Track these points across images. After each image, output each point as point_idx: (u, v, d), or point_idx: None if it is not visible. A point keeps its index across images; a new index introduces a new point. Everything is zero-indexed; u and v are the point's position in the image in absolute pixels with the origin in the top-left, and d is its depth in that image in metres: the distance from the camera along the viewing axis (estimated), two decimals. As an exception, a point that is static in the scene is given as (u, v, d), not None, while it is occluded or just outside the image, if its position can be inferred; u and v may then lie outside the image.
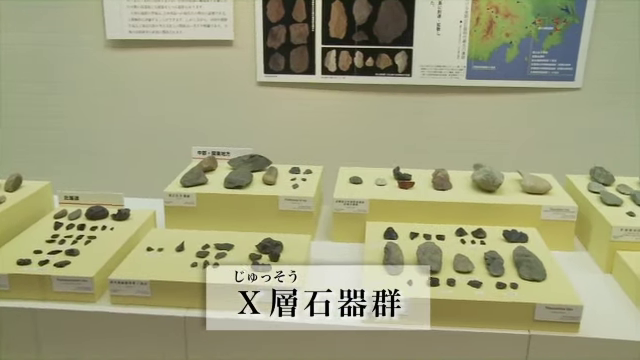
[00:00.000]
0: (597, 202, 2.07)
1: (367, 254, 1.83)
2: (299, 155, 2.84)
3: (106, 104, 3.59)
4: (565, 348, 1.58)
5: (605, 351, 1.59)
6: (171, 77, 3.52)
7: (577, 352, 1.59)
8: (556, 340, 1.58)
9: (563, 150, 3.45)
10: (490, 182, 2.11)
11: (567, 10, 3.21)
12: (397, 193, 2.13)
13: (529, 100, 3.41)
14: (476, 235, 1.96)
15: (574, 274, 1.82)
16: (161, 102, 3.57)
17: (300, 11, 3.29)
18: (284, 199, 2.07)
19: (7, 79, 3.59)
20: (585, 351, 1.59)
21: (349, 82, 3.40)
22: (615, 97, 3.38)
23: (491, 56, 3.31)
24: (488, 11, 3.23)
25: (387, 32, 3.29)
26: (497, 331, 1.58)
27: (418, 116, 3.48)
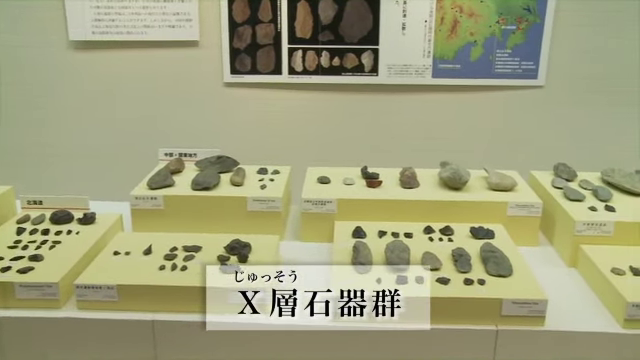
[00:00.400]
0: (560, 197, 2.11)
1: (336, 253, 1.83)
2: (267, 156, 2.83)
3: (70, 106, 3.53)
4: (531, 342, 1.61)
5: (570, 343, 1.62)
6: (136, 78, 3.47)
7: (543, 345, 1.61)
8: (523, 334, 1.60)
9: (527, 147, 3.50)
10: (457, 180, 2.13)
11: (529, 10, 3.26)
12: (365, 192, 2.14)
13: (494, 98, 3.45)
14: (444, 232, 1.98)
15: (539, 269, 1.85)
16: (126, 104, 3.52)
17: (266, 11, 3.28)
18: (252, 200, 2.06)
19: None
20: (551, 344, 1.62)
21: (316, 82, 3.40)
22: (576, 94, 3.45)
23: (456, 55, 3.34)
24: (452, 10, 3.27)
25: (353, 32, 3.30)
26: (465, 327, 1.60)
27: (385, 115, 3.50)
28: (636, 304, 1.58)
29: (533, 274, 1.72)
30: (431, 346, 1.62)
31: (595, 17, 3.31)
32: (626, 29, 3.33)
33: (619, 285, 1.67)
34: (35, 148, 3.61)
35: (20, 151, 3.61)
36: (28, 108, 3.55)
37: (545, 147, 3.45)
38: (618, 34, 3.34)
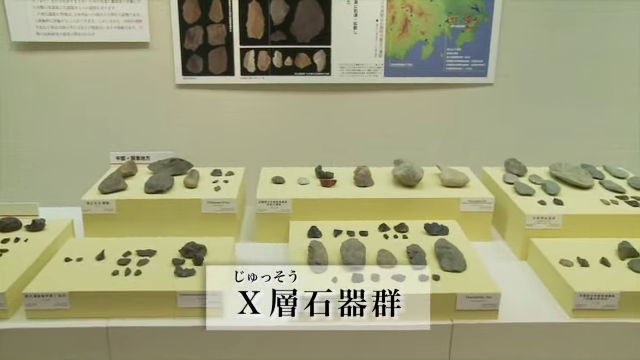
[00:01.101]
0: (511, 192, 2.16)
1: (291, 253, 1.83)
2: (221, 157, 2.82)
3: (16, 110, 3.43)
4: (486, 335, 1.64)
5: (523, 335, 1.66)
6: (85, 81, 3.40)
7: (497, 338, 1.65)
8: (477, 328, 1.63)
9: (479, 143, 3.56)
10: (410, 177, 2.16)
11: (477, 9, 3.32)
12: (320, 192, 2.14)
13: (445, 96, 3.51)
14: (398, 230, 2.00)
15: (492, 263, 1.89)
16: (76, 107, 3.44)
17: (217, 12, 3.26)
18: (206, 202, 2.04)
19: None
20: (504, 336, 1.65)
21: (268, 82, 3.39)
22: (524, 92, 3.53)
23: (408, 54, 3.38)
24: (403, 10, 3.30)
25: (305, 31, 3.30)
26: (421, 323, 1.62)
27: (338, 114, 3.51)
28: (583, 294, 1.63)
29: (486, 268, 1.75)
30: (389, 344, 1.64)
31: (541, 16, 3.40)
32: (570, 28, 3.43)
33: (567, 276, 1.71)
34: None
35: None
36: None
37: (496, 143, 3.52)
38: (563, 33, 3.43)
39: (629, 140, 3.62)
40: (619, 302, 1.64)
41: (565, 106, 3.57)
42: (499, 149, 3.00)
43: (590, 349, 1.68)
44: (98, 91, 3.43)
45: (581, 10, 3.40)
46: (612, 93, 3.58)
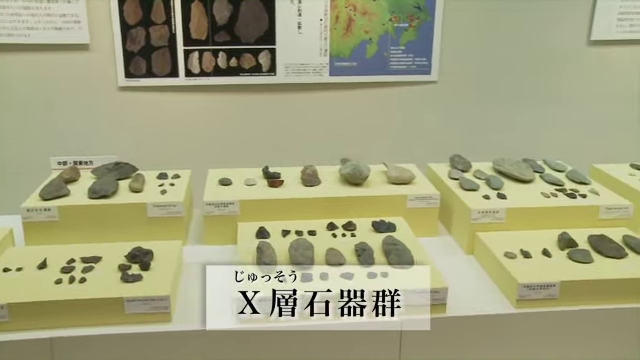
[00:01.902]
0: (457, 188, 2.20)
1: (240, 255, 1.82)
2: (166, 160, 2.77)
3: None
4: (434, 328, 1.66)
5: (470, 327, 1.69)
6: (23, 84, 3.30)
7: (445, 331, 1.67)
8: (426, 322, 1.65)
9: (424, 140, 3.62)
10: (357, 175, 2.17)
11: (419, 8, 3.37)
12: (267, 192, 2.14)
13: (390, 94, 3.54)
14: (346, 228, 2.01)
15: (439, 258, 1.92)
16: (13, 111, 3.34)
17: (159, 12, 3.20)
18: (152, 206, 2.01)
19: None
20: (453, 329, 1.68)
21: (214, 83, 3.36)
22: (467, 89, 3.60)
23: (352, 53, 3.40)
24: (346, 9, 3.32)
25: (249, 32, 3.28)
26: (370, 320, 1.63)
27: (284, 114, 3.51)
28: (526, 285, 1.68)
29: (433, 263, 1.78)
30: (340, 342, 1.65)
31: (482, 15, 3.47)
32: (511, 26, 3.51)
33: (511, 268, 1.76)
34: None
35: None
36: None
37: (441, 140, 3.58)
38: (504, 31, 3.52)
39: (568, 134, 3.74)
40: (559, 291, 1.69)
41: (507, 102, 3.66)
42: (444, 145, 3.05)
43: (534, 338, 1.73)
44: (37, 94, 3.33)
45: (521, 9, 3.49)
46: (552, 90, 3.69)
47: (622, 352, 1.79)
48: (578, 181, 2.29)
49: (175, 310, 1.66)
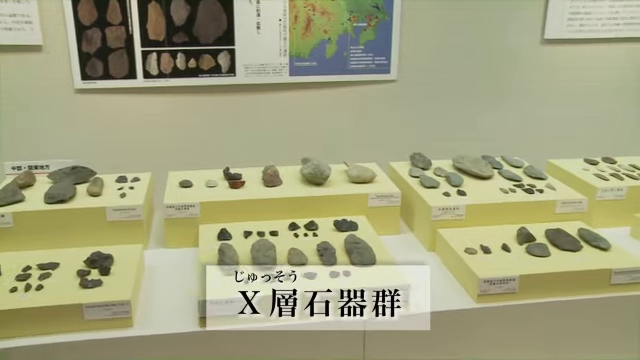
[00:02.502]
0: (417, 186, 2.22)
1: (201, 257, 1.80)
2: (125, 163, 2.73)
3: None
4: (398, 325, 1.67)
5: (433, 323, 1.70)
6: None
7: (409, 327, 1.68)
8: (389, 322, 1.66)
9: (385, 139, 3.64)
10: (318, 175, 2.18)
11: (377, 7, 3.39)
12: (228, 193, 2.13)
13: (351, 93, 3.56)
14: (308, 228, 2.01)
15: (402, 255, 1.94)
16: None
17: (115, 13, 3.15)
18: (112, 210, 1.98)
19: None
20: (416, 325, 1.69)
21: (172, 85, 3.32)
22: (427, 87, 3.64)
23: (312, 53, 3.41)
24: (305, 9, 3.32)
25: (208, 32, 3.26)
26: (333, 319, 1.63)
27: (245, 115, 3.49)
28: (487, 280, 1.70)
29: (395, 261, 1.79)
30: (304, 343, 1.65)
31: (439, 14, 3.52)
32: (469, 25, 3.57)
33: (472, 264, 1.78)
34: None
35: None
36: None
37: (402, 138, 3.61)
38: (461, 30, 3.57)
39: (525, 130, 3.81)
40: (519, 285, 1.72)
41: (465, 100, 3.71)
42: (405, 144, 3.08)
43: (495, 331, 1.76)
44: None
45: (477, 8, 3.54)
46: (509, 87, 3.76)
47: (580, 342, 1.83)
48: (535, 176, 2.33)
49: (136, 315, 1.64)
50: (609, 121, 3.93)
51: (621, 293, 1.80)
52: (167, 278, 1.85)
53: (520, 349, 1.79)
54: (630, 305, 1.82)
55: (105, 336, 1.55)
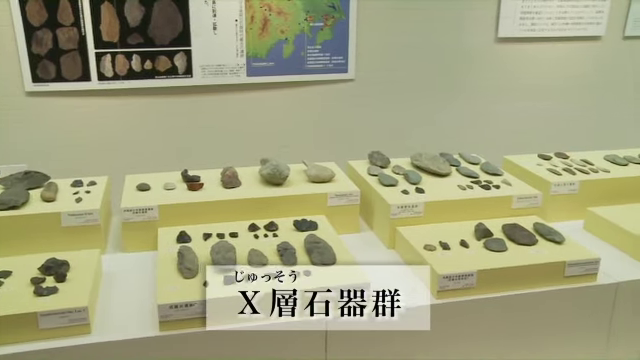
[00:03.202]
0: (376, 184, 2.23)
1: (160, 261, 1.78)
2: (81, 167, 2.69)
3: None
4: (359, 324, 1.68)
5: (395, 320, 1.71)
6: None
7: (369, 326, 1.69)
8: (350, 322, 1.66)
9: (344, 138, 3.66)
10: (277, 175, 2.17)
11: (334, 7, 3.40)
12: (187, 196, 2.10)
13: (309, 93, 3.56)
14: (268, 228, 2.00)
15: (362, 254, 1.95)
16: None
17: (66, 14, 3.08)
18: (67, 215, 1.94)
19: None
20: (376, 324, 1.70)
21: (128, 87, 3.27)
22: (384, 85, 3.67)
23: (269, 53, 3.40)
24: (262, 9, 3.31)
25: (163, 33, 3.22)
26: (296, 319, 1.63)
27: (202, 116, 3.46)
28: (446, 276, 1.72)
29: (355, 259, 1.80)
30: (270, 345, 1.64)
31: (395, 13, 3.55)
32: (424, 24, 3.61)
33: (431, 260, 1.80)
34: None
35: None
36: None
37: (360, 137, 3.63)
38: (417, 29, 3.60)
39: (481, 127, 3.88)
40: (477, 280, 1.75)
41: (422, 98, 3.76)
42: (363, 142, 3.10)
43: (455, 326, 1.78)
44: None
45: (433, 7, 3.59)
46: (464, 85, 3.81)
47: (538, 333, 1.87)
48: (492, 173, 2.37)
49: (94, 321, 1.61)
50: (561, 117, 4.02)
51: (575, 285, 1.84)
52: (126, 283, 1.83)
53: (480, 343, 1.82)
54: (584, 296, 1.86)
55: (62, 344, 1.52)
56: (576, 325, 1.90)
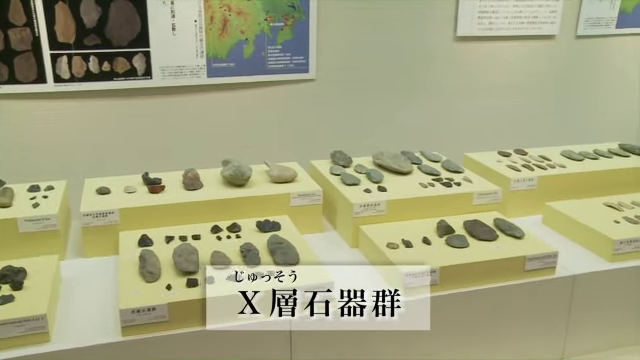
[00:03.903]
0: (339, 183, 2.24)
1: (122, 265, 1.75)
2: (38, 171, 2.63)
3: None
4: (324, 323, 1.68)
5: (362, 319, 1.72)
6: None
7: (334, 326, 1.69)
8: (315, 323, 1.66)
9: (307, 138, 3.65)
10: (239, 176, 2.16)
11: (294, 7, 3.40)
12: (148, 199, 2.08)
13: (270, 93, 3.55)
14: (231, 230, 1.99)
15: (325, 253, 1.95)
16: None
17: (18, 13, 3.00)
18: (24, 220, 1.90)
19: None
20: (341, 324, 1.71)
21: (86, 89, 3.20)
22: (345, 85, 3.68)
23: (229, 53, 3.38)
24: (221, 9, 3.29)
25: (121, 34, 3.16)
26: (261, 320, 1.62)
27: (163, 118, 3.42)
28: (410, 274, 1.73)
29: (319, 259, 1.80)
30: (233, 346, 1.63)
31: (355, 13, 3.56)
32: (384, 23, 3.63)
33: (394, 258, 1.81)
34: None
35: None
36: None
37: (322, 137, 3.63)
38: (377, 28, 3.62)
39: (442, 125, 3.92)
40: (440, 277, 1.77)
41: (384, 97, 3.78)
42: (326, 142, 3.10)
43: (418, 323, 1.78)
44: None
45: (393, 7, 3.61)
46: (425, 83, 3.85)
47: (499, 328, 1.90)
48: (453, 170, 2.40)
49: (54, 329, 1.57)
50: (519, 114, 4.10)
51: (534, 278, 1.88)
52: (86, 289, 1.79)
53: (444, 339, 1.84)
54: (543, 289, 1.90)
55: (20, 354, 1.49)
56: (536, 318, 1.93)
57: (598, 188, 2.39)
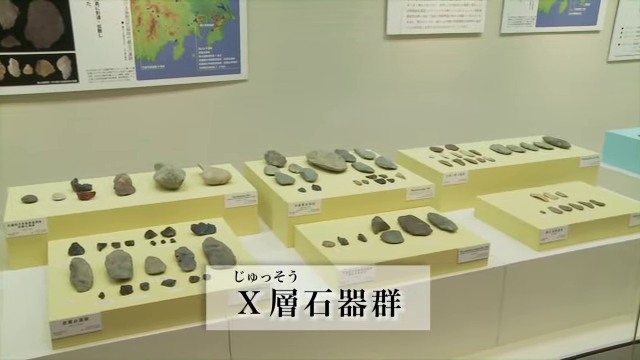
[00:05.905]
0: (273, 184, 2.24)
1: (51, 275, 1.70)
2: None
3: None
4: (262, 324, 1.68)
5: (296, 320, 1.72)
6: None
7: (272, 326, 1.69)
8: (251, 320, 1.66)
9: (241, 139, 3.63)
10: (172, 180, 2.13)
11: (223, 7, 3.36)
12: (78, 206, 2.02)
13: (202, 95, 3.50)
14: (165, 234, 1.96)
15: (262, 254, 1.95)
16: None
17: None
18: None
19: None
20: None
21: (6, 93, 3.06)
22: (278, 85, 3.67)
23: (158, 55, 3.31)
24: (149, 10, 3.22)
25: (43, 36, 3.04)
26: (197, 324, 1.60)
27: (91, 123, 3.31)
28: (346, 272, 1.75)
29: (255, 260, 1.80)
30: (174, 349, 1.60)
31: (285, 12, 3.56)
32: (314, 22, 3.64)
33: (330, 256, 1.83)
34: None
35: None
36: None
37: (256, 137, 3.61)
38: (305, 28, 3.64)
39: (375, 123, 3.97)
40: (376, 274, 1.79)
41: (316, 96, 3.79)
42: (260, 143, 3.08)
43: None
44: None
45: (323, 6, 3.62)
46: (357, 82, 3.88)
47: (434, 321, 1.93)
48: (386, 167, 2.44)
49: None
50: (449, 110, 4.19)
51: (468, 270, 1.93)
52: (13, 302, 1.73)
53: (383, 336, 1.86)
54: (476, 281, 1.95)
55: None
56: (470, 308, 1.99)
57: (525, 180, 2.48)
